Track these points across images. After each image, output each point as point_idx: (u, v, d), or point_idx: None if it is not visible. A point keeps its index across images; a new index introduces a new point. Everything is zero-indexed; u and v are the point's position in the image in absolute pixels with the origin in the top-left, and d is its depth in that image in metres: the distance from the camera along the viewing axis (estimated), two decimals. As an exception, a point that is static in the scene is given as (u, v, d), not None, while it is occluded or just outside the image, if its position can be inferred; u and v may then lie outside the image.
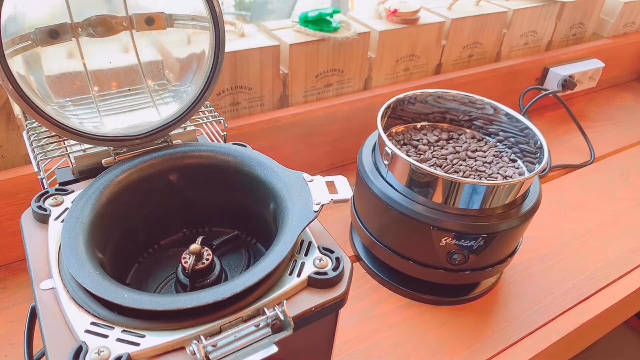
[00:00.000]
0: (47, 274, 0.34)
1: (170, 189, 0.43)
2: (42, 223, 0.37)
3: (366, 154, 0.61)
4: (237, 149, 0.43)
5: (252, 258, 0.44)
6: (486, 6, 0.91)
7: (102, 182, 0.39)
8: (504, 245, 0.55)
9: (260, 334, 0.31)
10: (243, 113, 0.73)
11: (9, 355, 0.52)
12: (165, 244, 0.45)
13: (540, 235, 0.72)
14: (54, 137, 0.44)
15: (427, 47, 0.85)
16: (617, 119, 1.07)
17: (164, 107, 0.46)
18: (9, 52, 0.36)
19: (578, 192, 0.83)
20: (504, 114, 0.62)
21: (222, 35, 0.42)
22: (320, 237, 0.38)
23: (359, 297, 0.61)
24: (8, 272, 0.61)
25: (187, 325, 0.30)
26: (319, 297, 0.33)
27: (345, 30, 0.75)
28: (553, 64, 1.02)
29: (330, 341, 0.40)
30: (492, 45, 0.94)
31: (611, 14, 1.10)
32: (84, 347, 0.28)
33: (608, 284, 0.65)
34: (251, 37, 0.70)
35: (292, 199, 0.37)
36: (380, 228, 0.58)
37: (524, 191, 0.55)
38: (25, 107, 0.36)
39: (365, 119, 0.81)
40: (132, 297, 0.30)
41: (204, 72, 0.43)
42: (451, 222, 0.52)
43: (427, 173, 0.51)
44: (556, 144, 0.96)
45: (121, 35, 0.43)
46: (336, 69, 0.77)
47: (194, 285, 0.36)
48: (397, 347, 0.56)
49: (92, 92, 0.45)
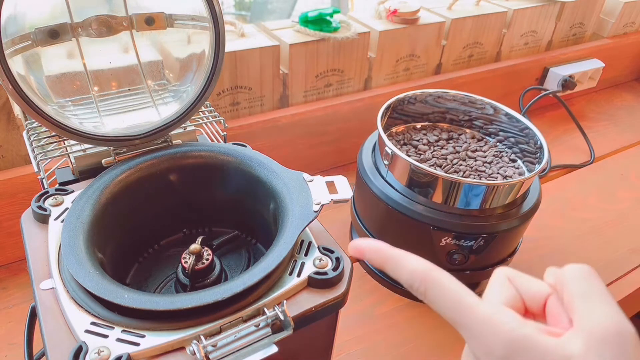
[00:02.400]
0: (47, 274, 0.34)
1: (170, 189, 0.43)
2: (42, 223, 0.37)
3: (366, 154, 0.61)
4: (237, 149, 0.43)
5: (252, 258, 0.44)
6: (486, 6, 0.91)
7: (102, 182, 0.39)
8: (504, 245, 0.55)
9: (260, 334, 0.31)
10: (243, 113, 0.73)
11: (9, 355, 0.52)
12: (165, 244, 0.45)
13: (540, 235, 0.72)
14: (54, 137, 0.44)
15: (427, 47, 0.85)
16: (617, 119, 1.07)
17: (164, 107, 0.46)
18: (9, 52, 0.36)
19: (578, 192, 0.83)
20: (504, 114, 0.62)
21: (222, 35, 0.42)
22: (320, 237, 0.38)
23: (359, 297, 0.61)
24: (8, 272, 0.61)
25: (187, 325, 0.30)
26: (319, 297, 0.33)
27: (345, 30, 0.75)
28: (553, 64, 1.02)
29: (330, 341, 0.40)
30: (492, 45, 0.94)
31: (611, 14, 1.10)
32: (84, 347, 0.28)
33: (608, 284, 0.65)
34: (251, 37, 0.70)
35: (292, 199, 0.37)
36: (380, 228, 0.58)
37: (524, 191, 0.55)
38: (25, 107, 0.36)
39: (365, 119, 0.81)
40: (132, 297, 0.30)
41: (204, 72, 0.43)
42: (451, 222, 0.52)
43: (427, 173, 0.51)
44: (556, 144, 0.96)
45: (121, 35, 0.43)
46: (336, 69, 0.77)
47: (194, 285, 0.36)
48: (397, 347, 0.56)
49: (92, 92, 0.45)
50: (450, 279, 0.25)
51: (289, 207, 0.37)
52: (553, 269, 0.26)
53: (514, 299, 0.25)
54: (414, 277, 0.25)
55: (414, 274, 0.25)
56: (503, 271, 0.26)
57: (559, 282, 0.24)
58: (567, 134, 0.99)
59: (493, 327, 0.22)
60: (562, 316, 0.23)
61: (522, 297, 0.25)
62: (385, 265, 0.27)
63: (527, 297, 0.25)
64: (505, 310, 0.23)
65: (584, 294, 0.23)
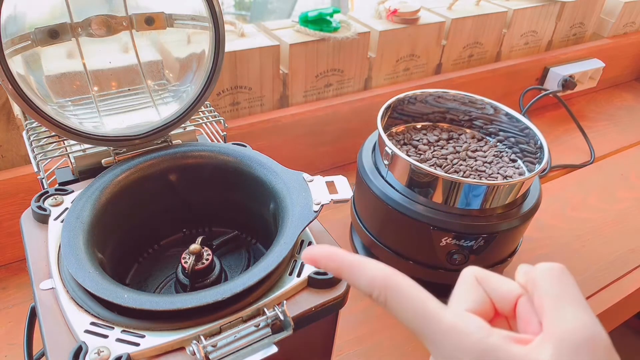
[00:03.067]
0: (47, 274, 0.34)
1: (170, 189, 0.43)
2: (42, 223, 0.37)
3: (366, 154, 0.60)
4: (237, 149, 0.43)
5: (252, 258, 0.44)
6: (486, 6, 0.91)
7: (102, 182, 0.39)
8: (504, 245, 0.55)
9: (260, 334, 0.31)
10: (243, 113, 0.73)
11: (9, 355, 0.52)
12: (165, 244, 0.45)
13: (540, 235, 0.72)
14: (53, 137, 0.44)
15: (427, 47, 0.85)
16: (617, 119, 1.07)
17: (163, 107, 0.46)
18: (8, 52, 0.36)
19: (578, 192, 0.83)
20: (504, 114, 0.62)
21: (222, 35, 0.42)
22: (320, 237, 0.38)
23: (359, 297, 0.60)
24: (8, 272, 0.61)
25: (187, 326, 0.30)
26: (319, 297, 0.33)
27: (345, 30, 0.75)
28: (553, 64, 1.02)
29: (330, 341, 0.40)
30: (492, 45, 0.94)
31: (611, 14, 1.10)
32: (84, 347, 0.28)
33: (608, 284, 0.65)
34: (251, 37, 0.70)
35: (292, 199, 0.37)
36: (380, 228, 0.58)
37: (524, 191, 0.55)
38: (25, 107, 0.36)
39: (365, 119, 0.81)
40: (131, 297, 0.30)
41: (203, 72, 0.43)
42: (451, 222, 0.52)
43: (427, 173, 0.51)
44: (556, 144, 0.96)
45: (121, 35, 0.43)
46: (336, 69, 0.77)
47: (193, 285, 0.36)
48: (397, 347, 0.56)
49: (92, 92, 0.45)
50: (411, 285, 0.23)
51: (289, 207, 0.37)
52: (525, 267, 0.24)
53: (483, 302, 0.23)
54: (373, 285, 0.23)
55: (373, 281, 0.23)
56: (471, 271, 0.25)
57: (530, 282, 0.23)
58: (567, 134, 0.99)
59: (457, 338, 0.21)
60: (533, 318, 0.22)
61: (491, 298, 0.24)
62: (341, 273, 0.24)
63: (497, 298, 0.24)
64: (471, 319, 0.22)
65: (554, 295, 0.21)
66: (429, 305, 0.22)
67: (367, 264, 0.24)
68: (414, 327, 0.22)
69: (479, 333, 0.21)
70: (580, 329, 0.20)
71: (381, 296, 0.23)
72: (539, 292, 0.22)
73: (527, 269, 0.24)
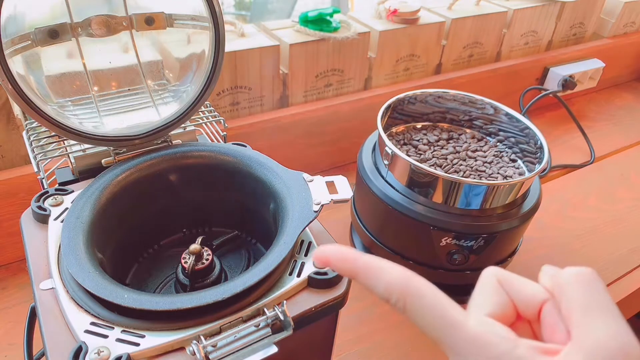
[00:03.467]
0: (47, 274, 0.34)
1: (170, 189, 0.43)
2: (42, 223, 0.37)
3: (366, 154, 0.60)
4: (236, 149, 0.43)
5: (252, 258, 0.44)
6: (486, 6, 0.91)
7: (102, 182, 0.39)
8: (504, 245, 0.55)
9: (260, 334, 0.31)
10: (243, 113, 0.73)
11: (9, 355, 0.52)
12: (165, 244, 0.45)
13: (540, 235, 0.72)
14: (53, 137, 0.44)
15: (427, 47, 0.85)
16: (617, 119, 1.07)
17: (163, 107, 0.46)
18: (8, 52, 0.36)
19: (578, 192, 0.83)
20: (504, 114, 0.62)
21: (222, 35, 0.42)
22: (320, 237, 0.38)
23: (359, 297, 0.61)
24: (8, 272, 0.61)
25: (187, 326, 0.30)
26: (319, 297, 0.33)
27: (345, 30, 0.75)
28: (553, 64, 1.02)
29: (330, 341, 0.40)
30: (492, 45, 0.94)
31: (611, 14, 1.10)
32: (84, 347, 0.28)
33: (608, 284, 0.65)
34: (251, 37, 0.70)
35: (292, 199, 0.37)
36: (380, 228, 0.58)
37: (524, 191, 0.55)
38: (25, 107, 0.36)
39: (365, 119, 0.81)
40: (132, 297, 0.30)
41: (203, 72, 0.43)
42: (451, 222, 0.52)
43: (427, 173, 0.51)
44: (556, 144, 0.96)
45: (121, 35, 0.43)
46: (336, 69, 0.77)
47: (193, 285, 0.36)
48: (397, 347, 0.56)
49: (92, 92, 0.45)
50: (432, 290, 0.22)
51: (289, 207, 0.37)
52: (550, 269, 0.23)
53: (505, 305, 0.22)
54: (391, 290, 0.22)
55: (391, 286, 0.22)
56: (492, 272, 0.24)
57: (556, 287, 0.22)
58: (567, 134, 0.99)
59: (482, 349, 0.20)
60: (559, 326, 0.21)
61: (514, 302, 0.23)
62: (356, 275, 0.23)
63: (520, 302, 0.22)
64: (496, 328, 0.21)
65: (584, 304, 0.20)
66: (451, 313, 0.21)
67: (384, 266, 0.23)
68: (435, 335, 0.21)
69: (505, 345, 0.20)
70: (611, 339, 0.19)
71: (400, 302, 0.22)
72: (567, 299, 0.21)
73: (553, 272, 0.23)
